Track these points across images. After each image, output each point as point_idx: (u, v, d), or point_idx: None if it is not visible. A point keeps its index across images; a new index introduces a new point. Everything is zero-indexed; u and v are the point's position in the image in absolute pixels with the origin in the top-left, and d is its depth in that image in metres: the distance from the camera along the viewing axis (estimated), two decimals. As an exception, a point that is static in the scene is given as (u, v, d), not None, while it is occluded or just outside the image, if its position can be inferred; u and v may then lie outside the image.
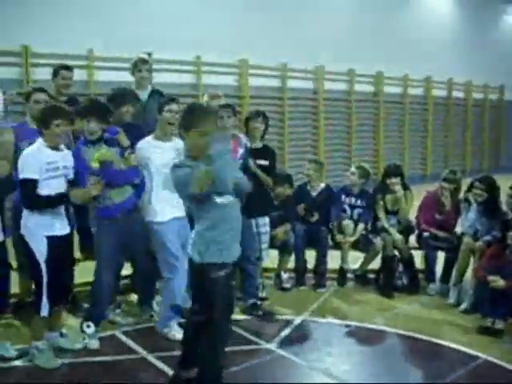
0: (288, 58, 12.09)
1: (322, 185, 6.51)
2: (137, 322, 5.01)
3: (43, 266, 4.06)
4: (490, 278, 4.95)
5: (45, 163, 4.07)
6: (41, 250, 4.06)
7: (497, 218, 5.64)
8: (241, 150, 5.11)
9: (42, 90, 5.08)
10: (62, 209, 4.23)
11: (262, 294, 5.71)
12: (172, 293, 4.71)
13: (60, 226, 4.19)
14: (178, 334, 4.64)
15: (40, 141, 4.16)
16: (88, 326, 4.63)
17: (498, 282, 4.89)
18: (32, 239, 4.09)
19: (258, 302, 5.42)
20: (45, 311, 4.11)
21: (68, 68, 5.71)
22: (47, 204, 4.10)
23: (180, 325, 4.67)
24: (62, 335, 4.51)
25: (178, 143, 4.78)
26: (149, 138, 4.82)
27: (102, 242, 4.64)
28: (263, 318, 5.25)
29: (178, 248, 4.71)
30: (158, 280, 5.08)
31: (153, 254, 4.85)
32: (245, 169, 4.84)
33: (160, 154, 4.71)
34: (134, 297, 5.45)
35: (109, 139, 4.61)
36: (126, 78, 6.18)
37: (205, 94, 5.62)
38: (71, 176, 4.29)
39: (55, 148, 4.18)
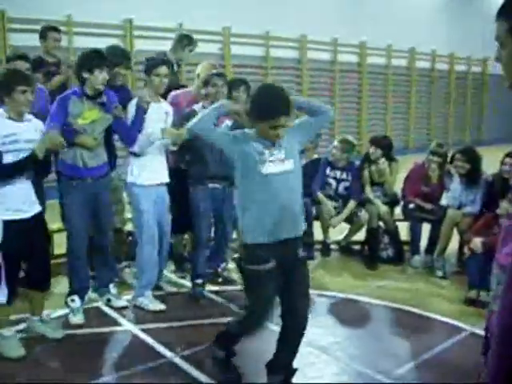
0: (271, 26, 11.91)
1: (315, 156, 6.38)
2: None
3: None
4: (474, 239, 4.96)
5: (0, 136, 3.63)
6: None
7: (479, 189, 5.65)
8: (228, 122, 4.80)
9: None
10: (28, 189, 3.83)
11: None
12: (142, 261, 4.64)
13: (24, 208, 3.78)
14: (152, 305, 4.63)
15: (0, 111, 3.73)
16: (72, 300, 4.43)
17: (476, 244, 4.90)
18: None
19: (219, 270, 5.33)
20: (2, 297, 3.79)
21: (57, 29, 5.59)
22: (14, 171, 3.67)
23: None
24: (42, 321, 4.15)
25: (164, 106, 4.73)
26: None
27: (71, 206, 4.37)
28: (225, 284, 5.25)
29: (153, 216, 4.61)
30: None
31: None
32: None
33: (148, 115, 4.56)
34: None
35: (106, 104, 4.33)
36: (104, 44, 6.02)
37: (202, 63, 5.41)
38: None
39: (17, 119, 3.74)
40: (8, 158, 3.64)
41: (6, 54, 7.81)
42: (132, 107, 4.53)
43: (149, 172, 4.60)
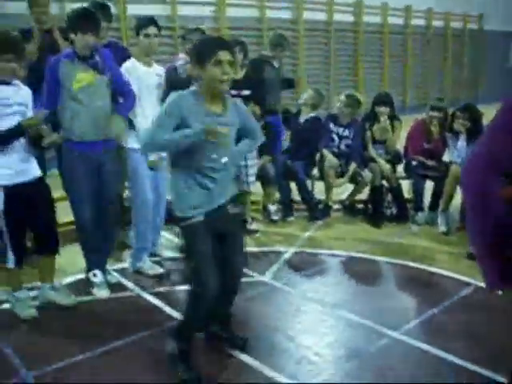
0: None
1: (312, 114, 6.33)
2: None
3: (1, 217, 3.68)
4: None
5: None
6: None
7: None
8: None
9: None
10: (27, 152, 3.75)
11: (251, 227, 5.69)
12: (138, 225, 4.60)
13: (23, 172, 3.72)
14: (151, 270, 4.64)
15: None
16: (94, 275, 4.33)
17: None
18: None
19: None
20: (10, 263, 3.78)
21: None
22: (6, 138, 3.59)
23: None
24: (53, 288, 4.11)
25: (157, 68, 4.62)
26: (133, 60, 4.50)
27: (72, 174, 4.11)
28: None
29: (149, 180, 4.54)
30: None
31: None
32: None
33: (147, 75, 4.46)
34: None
35: (99, 65, 4.03)
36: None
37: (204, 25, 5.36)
38: (30, 114, 3.77)
39: (4, 82, 3.62)
40: (5, 123, 3.58)
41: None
42: (125, 69, 4.37)
43: None
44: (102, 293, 4.27)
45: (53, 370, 3.27)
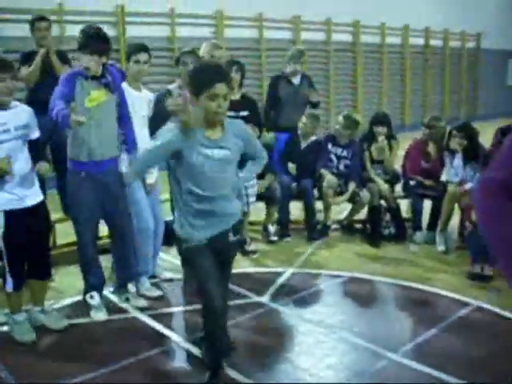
0: (264, 8, 11.82)
1: (313, 138, 6.36)
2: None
3: (0, 241, 3.68)
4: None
5: None
6: None
7: (480, 165, 5.63)
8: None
9: None
10: (30, 177, 3.75)
11: (250, 248, 5.68)
12: (137, 250, 4.49)
13: (25, 197, 3.70)
14: (148, 292, 4.62)
15: None
16: (91, 297, 4.29)
17: None
18: None
19: None
20: (9, 287, 3.77)
21: (43, 19, 5.42)
22: None
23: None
24: (43, 312, 4.10)
25: (148, 94, 4.63)
26: (126, 84, 4.47)
27: (77, 195, 4.09)
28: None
29: (147, 204, 4.53)
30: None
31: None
32: None
33: (139, 99, 4.47)
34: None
35: (110, 83, 4.04)
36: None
37: (204, 44, 5.33)
38: (35, 136, 3.81)
39: (2, 107, 3.58)
40: (4, 149, 3.53)
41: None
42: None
43: None
44: (100, 315, 4.24)
45: (49, 394, 3.26)
